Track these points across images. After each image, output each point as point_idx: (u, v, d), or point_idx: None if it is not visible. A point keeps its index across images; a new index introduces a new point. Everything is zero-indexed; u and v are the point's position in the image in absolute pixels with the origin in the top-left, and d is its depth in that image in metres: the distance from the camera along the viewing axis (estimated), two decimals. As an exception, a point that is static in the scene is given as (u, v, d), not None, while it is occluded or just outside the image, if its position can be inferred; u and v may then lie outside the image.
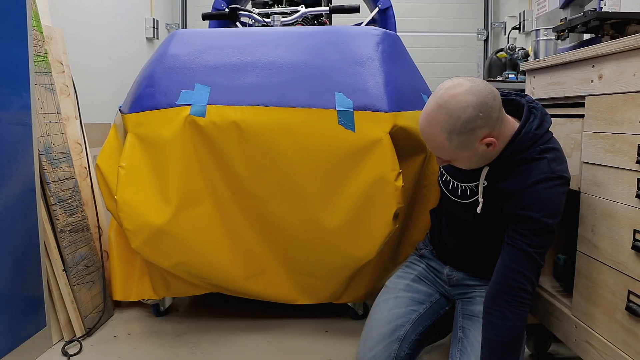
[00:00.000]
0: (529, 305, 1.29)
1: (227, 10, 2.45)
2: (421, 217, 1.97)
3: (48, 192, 1.84)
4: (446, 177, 1.50)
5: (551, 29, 2.37)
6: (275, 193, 1.73)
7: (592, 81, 1.34)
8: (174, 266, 1.79)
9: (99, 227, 2.17)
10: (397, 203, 1.68)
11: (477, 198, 1.37)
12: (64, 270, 1.88)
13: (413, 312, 1.55)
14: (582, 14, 1.59)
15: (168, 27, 4.67)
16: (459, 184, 1.45)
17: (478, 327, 1.41)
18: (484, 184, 1.36)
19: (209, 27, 2.71)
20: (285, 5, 2.69)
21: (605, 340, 1.27)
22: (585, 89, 1.37)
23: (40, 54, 1.95)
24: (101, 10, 3.38)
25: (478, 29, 4.75)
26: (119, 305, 2.20)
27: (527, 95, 1.34)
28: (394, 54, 1.88)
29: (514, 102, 1.38)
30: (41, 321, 1.80)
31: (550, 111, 1.62)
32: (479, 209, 1.36)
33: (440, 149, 1.28)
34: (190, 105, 1.72)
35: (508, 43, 3.37)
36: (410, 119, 1.75)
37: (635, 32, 1.39)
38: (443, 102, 1.23)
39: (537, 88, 1.66)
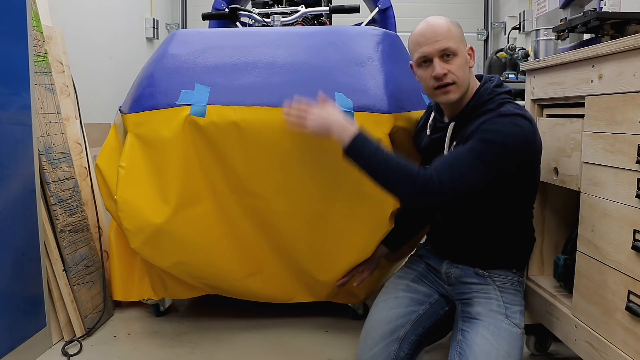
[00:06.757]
0: (424, 186, 1.34)
1: (227, 10, 2.45)
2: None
3: (48, 192, 1.85)
4: (425, 146, 1.62)
5: (551, 29, 2.37)
6: (275, 193, 1.73)
7: (592, 81, 1.34)
8: (173, 266, 1.79)
9: (99, 227, 2.17)
10: (394, 204, 1.68)
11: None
12: (64, 270, 1.88)
13: (413, 312, 1.55)
14: (582, 14, 1.59)
15: (168, 27, 4.67)
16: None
17: (477, 330, 1.42)
18: (453, 143, 1.48)
19: (209, 27, 2.71)
20: (285, 5, 2.70)
21: (605, 340, 1.27)
22: (585, 89, 1.37)
23: (40, 54, 1.95)
24: (101, 10, 3.38)
25: (478, 29, 4.75)
26: (119, 305, 2.20)
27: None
28: (394, 54, 1.87)
29: (477, 76, 1.56)
30: (41, 321, 1.80)
31: (550, 111, 1.62)
32: (445, 150, 1.49)
33: (448, 34, 1.43)
34: (190, 105, 1.72)
35: (508, 43, 3.37)
36: (410, 120, 1.75)
37: (635, 32, 1.39)
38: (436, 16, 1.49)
39: (537, 88, 1.66)
